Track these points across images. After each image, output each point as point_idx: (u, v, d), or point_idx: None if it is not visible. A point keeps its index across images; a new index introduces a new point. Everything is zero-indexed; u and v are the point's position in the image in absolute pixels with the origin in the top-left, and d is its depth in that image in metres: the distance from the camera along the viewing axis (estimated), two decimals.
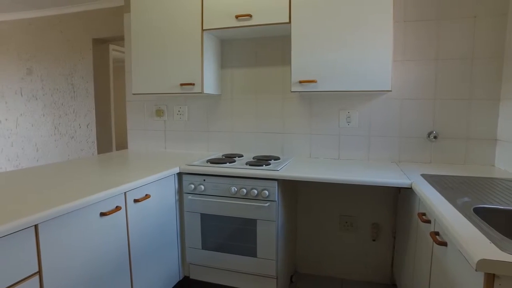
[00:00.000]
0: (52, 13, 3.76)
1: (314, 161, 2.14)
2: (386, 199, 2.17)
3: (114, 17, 3.43)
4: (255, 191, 1.81)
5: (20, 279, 1.07)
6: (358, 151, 2.21)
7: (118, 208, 1.47)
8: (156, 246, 1.79)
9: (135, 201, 1.60)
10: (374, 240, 2.21)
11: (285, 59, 2.30)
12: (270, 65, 2.34)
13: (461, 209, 1.14)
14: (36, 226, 1.12)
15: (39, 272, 1.14)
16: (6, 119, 4.24)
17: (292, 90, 1.97)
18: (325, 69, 1.91)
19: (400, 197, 2.01)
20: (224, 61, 2.43)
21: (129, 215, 1.56)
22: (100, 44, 3.68)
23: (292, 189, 2.17)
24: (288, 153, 2.36)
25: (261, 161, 2.04)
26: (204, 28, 2.12)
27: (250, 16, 2.01)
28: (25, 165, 4.20)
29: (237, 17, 2.03)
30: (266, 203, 1.81)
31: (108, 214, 1.41)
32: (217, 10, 2.07)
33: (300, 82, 1.95)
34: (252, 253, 1.89)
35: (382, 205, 2.18)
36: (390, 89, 1.82)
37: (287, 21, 1.96)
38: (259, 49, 2.35)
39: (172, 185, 1.92)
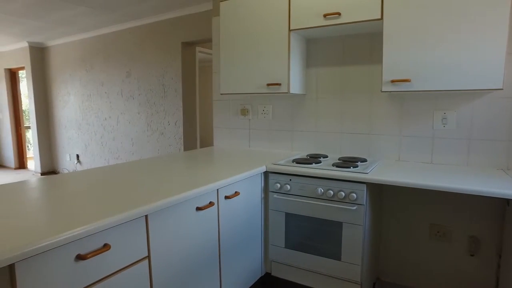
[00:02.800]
0: (148, 22, 4.14)
1: (403, 165, 2.02)
2: (488, 211, 1.94)
3: (202, 21, 3.64)
4: (343, 194, 1.77)
5: (134, 261, 1.21)
6: (455, 156, 2.02)
7: (211, 204, 1.56)
8: (242, 241, 1.87)
9: (226, 197, 1.68)
10: (472, 255, 2.00)
11: (373, 57, 2.20)
12: (357, 64, 2.26)
13: None
14: (146, 216, 1.25)
15: (148, 257, 1.27)
16: (110, 117, 4.80)
17: (382, 90, 1.88)
18: (420, 67, 1.78)
19: (510, 210, 1.78)
20: (309, 60, 2.42)
21: (220, 210, 1.65)
22: (188, 47, 3.94)
23: (378, 192, 2.07)
24: (375, 155, 2.25)
25: (348, 162, 1.99)
26: (291, 28, 2.13)
27: (339, 14, 1.96)
28: (123, 158, 4.72)
29: (325, 15, 1.99)
30: (353, 206, 1.76)
31: (203, 209, 1.51)
32: (305, 9, 2.06)
33: (392, 81, 1.84)
34: (336, 256, 1.85)
35: (483, 217, 1.95)
36: (501, 87, 1.62)
37: (379, 17, 1.86)
38: (346, 47, 2.28)
39: (259, 183, 1.98)
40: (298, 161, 2.03)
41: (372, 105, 2.23)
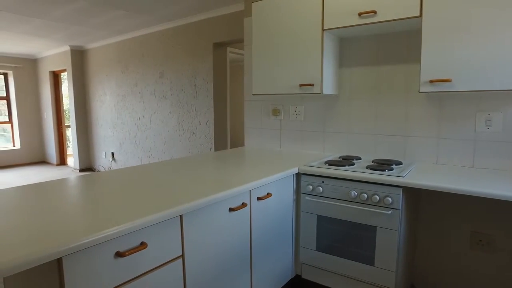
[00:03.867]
0: (180, 23, 4.23)
1: (442, 168, 1.93)
2: None
3: (233, 22, 3.67)
4: (377, 197, 1.72)
5: (169, 259, 1.24)
6: (500, 160, 1.90)
7: (244, 205, 1.57)
8: (273, 243, 1.86)
9: (258, 199, 1.68)
10: None
11: (410, 56, 2.12)
12: (392, 63, 2.18)
13: None
14: (181, 216, 1.27)
15: (182, 256, 1.30)
16: (143, 116, 4.95)
17: (420, 91, 1.81)
18: (462, 66, 1.69)
19: None
20: (342, 60, 2.37)
21: (252, 211, 1.66)
22: (219, 48, 3.98)
23: (414, 197, 1.99)
24: (411, 157, 2.17)
25: (382, 165, 1.93)
26: (324, 28, 2.10)
27: (375, 12, 1.90)
28: (155, 156, 4.85)
29: (360, 14, 1.94)
30: (388, 211, 1.70)
31: (236, 210, 1.52)
32: (338, 8, 2.02)
33: (431, 81, 1.77)
34: (369, 261, 1.81)
35: None
36: None
37: (418, 14, 1.79)
38: (381, 46, 2.21)
39: (291, 184, 1.96)
40: (331, 163, 1.99)
41: (408, 106, 2.15)
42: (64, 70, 6.41)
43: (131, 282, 1.11)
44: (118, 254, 1.06)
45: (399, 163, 2.02)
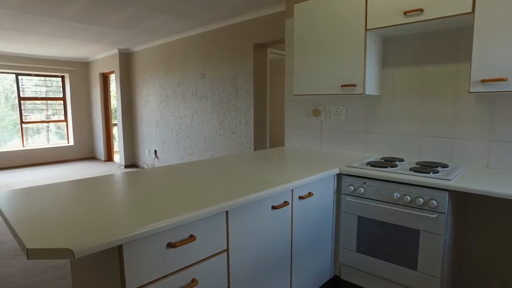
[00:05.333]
0: (221, 26, 4.34)
1: (493, 173, 1.84)
2: None
3: (273, 23, 3.71)
4: (421, 200, 1.68)
5: (214, 253, 1.31)
6: None
7: (286, 203, 1.60)
8: (313, 242, 1.88)
9: (300, 198, 1.71)
10: None
11: (459, 55, 2.04)
12: (439, 63, 2.11)
13: None
14: (227, 212, 1.33)
15: (227, 250, 1.36)
16: (185, 115, 5.14)
17: (470, 91, 1.74)
18: None
19: None
20: (385, 60, 2.33)
21: (294, 210, 1.69)
22: (260, 49, 4.04)
23: (462, 201, 1.92)
24: (458, 160, 2.09)
25: (427, 167, 1.88)
26: (367, 28, 2.07)
27: (421, 10, 1.85)
28: (196, 154, 5.02)
29: (405, 13, 1.90)
30: (433, 214, 1.66)
31: (278, 208, 1.56)
32: (382, 8, 1.99)
33: (483, 81, 1.69)
34: (412, 265, 1.77)
35: None
36: None
37: (470, 10, 1.72)
38: (427, 45, 2.15)
39: (332, 185, 1.97)
40: (373, 164, 1.97)
41: (456, 107, 2.07)
42: (112, 72, 6.81)
43: (180, 272, 1.19)
44: (170, 245, 1.14)
45: (445, 165, 1.96)
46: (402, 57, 2.25)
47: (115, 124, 7.34)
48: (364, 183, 1.89)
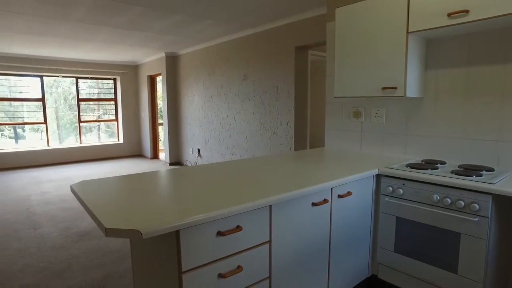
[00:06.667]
0: (263, 29, 4.47)
1: None
2: None
3: (314, 26, 3.77)
4: (462, 203, 1.69)
5: (258, 243, 1.42)
6: None
7: (325, 201, 1.69)
8: (351, 240, 1.94)
9: (339, 196, 1.78)
10: None
11: (508, 55, 1.99)
12: (486, 64, 2.07)
13: None
14: (270, 207, 1.45)
15: (269, 241, 1.47)
16: (228, 116, 5.34)
17: None
18: None
19: None
20: (428, 62, 2.32)
21: (333, 208, 1.77)
22: (301, 51, 4.12)
23: (509, 206, 1.88)
24: (506, 164, 2.04)
25: (470, 170, 1.87)
26: (409, 30, 2.09)
27: (467, 11, 1.84)
28: (237, 154, 5.20)
29: (449, 15, 1.90)
30: (475, 218, 1.65)
31: (318, 205, 1.65)
32: (425, 10, 1.99)
33: None
34: (452, 268, 1.77)
35: None
36: None
37: None
38: (473, 46, 2.11)
39: (370, 185, 2.02)
40: (413, 166, 1.99)
41: (504, 108, 2.02)
42: (159, 74, 7.21)
43: (228, 258, 1.32)
44: (219, 233, 1.27)
45: (490, 169, 1.92)
46: (446, 59, 2.23)
47: (161, 124, 7.76)
48: (403, 184, 1.92)
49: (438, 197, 1.78)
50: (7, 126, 7.20)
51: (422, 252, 1.88)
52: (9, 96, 6.94)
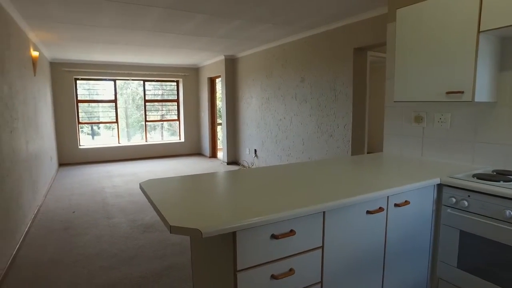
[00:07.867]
0: (321, 31, 4.44)
1: None
2: None
3: (374, 26, 3.65)
4: None
5: (311, 248, 1.45)
6: None
7: (381, 209, 1.66)
8: (408, 251, 1.87)
9: (396, 205, 1.73)
10: None
11: None
12: None
13: None
14: (324, 212, 1.47)
15: (322, 247, 1.49)
16: (284, 118, 5.39)
17: None
18: None
19: None
20: (504, 63, 2.12)
21: (389, 217, 1.72)
22: (360, 52, 4.01)
23: None
24: None
25: None
26: (481, 29, 1.94)
27: None
28: (294, 155, 5.22)
29: None
30: None
31: (373, 213, 1.63)
32: (500, 6, 1.83)
33: None
34: None
35: None
36: None
37: None
38: None
39: (431, 195, 1.92)
40: (480, 177, 1.85)
41: None
42: (218, 76, 7.50)
43: (281, 261, 1.37)
44: (273, 236, 1.33)
45: None
46: None
47: (220, 124, 8.07)
48: (469, 196, 1.79)
49: (511, 213, 1.64)
50: (86, 124, 8.08)
51: (490, 271, 1.75)
52: (88, 98, 7.82)
